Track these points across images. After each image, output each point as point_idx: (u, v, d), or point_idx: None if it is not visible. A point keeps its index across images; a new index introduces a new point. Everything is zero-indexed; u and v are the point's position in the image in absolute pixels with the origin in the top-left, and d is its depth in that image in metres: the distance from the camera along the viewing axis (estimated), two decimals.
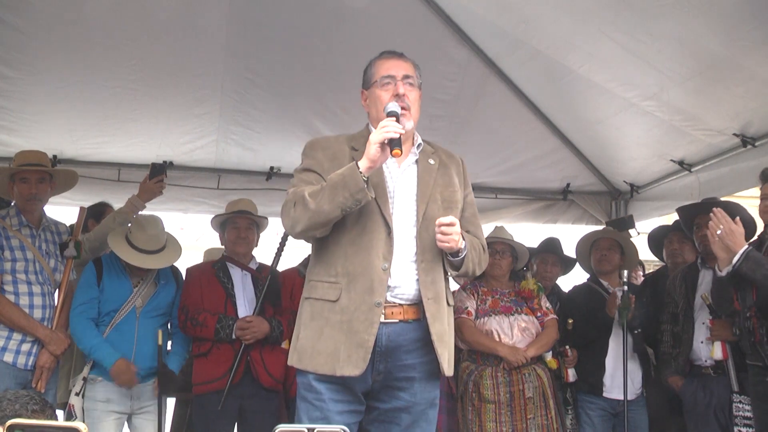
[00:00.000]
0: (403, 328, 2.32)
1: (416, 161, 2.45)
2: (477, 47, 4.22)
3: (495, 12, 3.79)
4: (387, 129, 2.17)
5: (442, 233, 2.23)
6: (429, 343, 2.32)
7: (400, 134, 2.17)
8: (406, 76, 2.40)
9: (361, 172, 2.17)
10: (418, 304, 2.33)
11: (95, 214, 4.24)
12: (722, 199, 4.05)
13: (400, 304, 2.33)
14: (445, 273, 2.44)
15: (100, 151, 4.80)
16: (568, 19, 3.58)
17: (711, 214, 3.10)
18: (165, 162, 4.80)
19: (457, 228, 2.25)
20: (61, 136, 4.58)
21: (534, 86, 4.53)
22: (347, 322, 2.26)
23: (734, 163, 4.17)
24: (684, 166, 4.58)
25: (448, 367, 2.37)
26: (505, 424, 3.65)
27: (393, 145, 2.16)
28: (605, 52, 3.66)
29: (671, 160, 4.63)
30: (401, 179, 2.40)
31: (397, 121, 2.23)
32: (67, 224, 3.77)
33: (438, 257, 2.38)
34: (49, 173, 3.56)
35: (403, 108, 2.33)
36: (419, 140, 2.48)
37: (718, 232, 3.03)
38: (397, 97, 2.35)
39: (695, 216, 3.76)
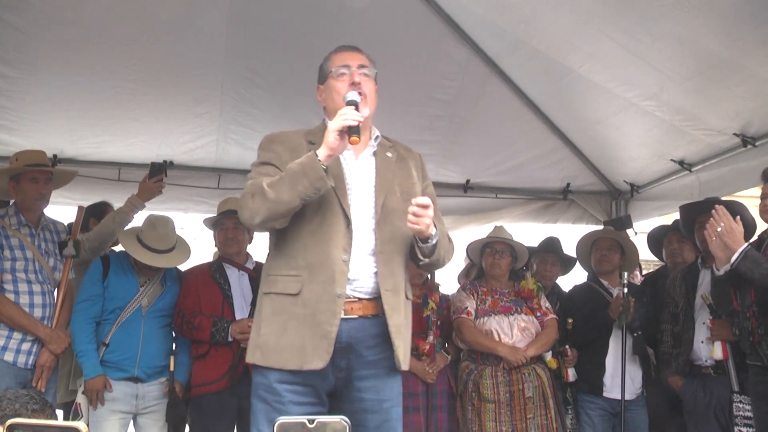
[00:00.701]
0: (362, 324, 2.29)
1: (374, 153, 2.43)
2: (477, 47, 4.22)
3: (495, 12, 3.79)
4: (346, 116, 2.16)
5: (415, 214, 2.20)
6: (389, 338, 2.29)
7: (359, 122, 2.16)
8: (362, 66, 2.39)
9: (320, 161, 2.15)
10: (377, 298, 2.30)
11: (96, 213, 4.24)
12: (723, 198, 4.04)
13: (360, 299, 2.29)
14: (406, 266, 2.41)
15: (100, 150, 4.80)
16: (568, 19, 3.58)
17: (713, 212, 3.10)
18: (165, 161, 4.80)
19: (431, 212, 2.22)
20: (61, 136, 4.58)
21: (534, 86, 4.53)
22: (311, 315, 2.23)
23: (734, 163, 4.17)
24: (684, 165, 4.58)
25: (403, 360, 2.32)
26: (504, 424, 3.65)
27: (352, 132, 2.14)
28: (605, 52, 3.66)
29: (671, 160, 4.62)
30: (359, 171, 2.38)
31: (357, 109, 2.21)
32: (66, 223, 3.77)
33: (397, 249, 2.35)
34: (52, 173, 3.57)
35: (360, 94, 2.31)
36: (377, 133, 2.46)
37: (719, 229, 3.03)
38: (353, 85, 2.33)
39: (697, 215, 3.76)
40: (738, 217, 3.10)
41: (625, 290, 3.90)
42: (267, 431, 2.27)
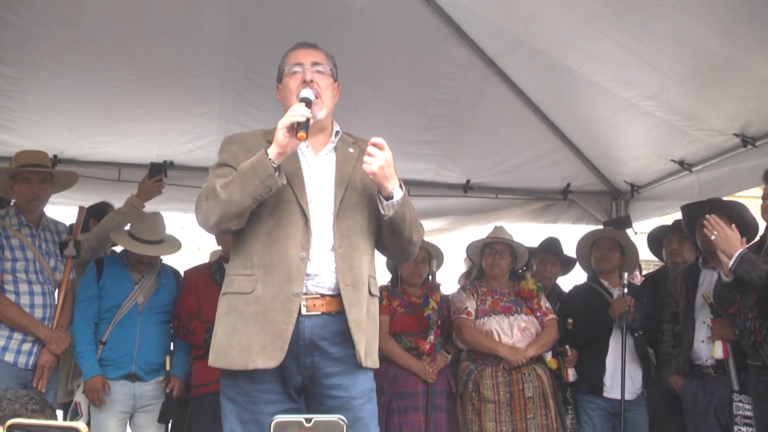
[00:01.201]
0: (326, 321, 2.26)
1: (334, 149, 2.40)
2: (477, 47, 4.22)
3: (495, 12, 3.79)
4: (294, 113, 2.14)
5: (369, 154, 2.16)
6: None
7: (307, 118, 2.13)
8: (315, 63, 2.36)
9: (270, 159, 2.13)
10: (340, 295, 2.26)
11: (97, 213, 4.24)
12: (723, 199, 4.04)
13: (322, 295, 2.26)
14: (371, 262, 2.38)
15: (101, 150, 4.80)
16: (568, 19, 3.58)
17: (704, 222, 3.10)
18: (165, 162, 4.80)
19: (386, 155, 2.16)
20: (61, 136, 4.57)
21: (534, 86, 4.53)
22: (262, 313, 2.20)
23: (734, 163, 4.17)
24: (684, 166, 4.58)
25: (364, 356, 2.27)
26: (504, 424, 3.65)
27: (299, 128, 2.11)
28: (605, 52, 3.66)
29: (671, 160, 4.62)
30: (319, 167, 2.35)
31: (308, 106, 2.18)
32: (67, 224, 3.77)
33: (358, 244, 2.32)
34: (50, 173, 3.57)
35: (315, 96, 2.29)
36: (337, 128, 2.43)
37: (713, 237, 3.04)
38: (305, 83, 2.31)
39: (699, 215, 3.76)
40: (733, 225, 3.12)
41: (625, 290, 3.90)
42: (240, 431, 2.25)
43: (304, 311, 2.23)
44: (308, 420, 1.05)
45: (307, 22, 3.90)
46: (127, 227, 3.74)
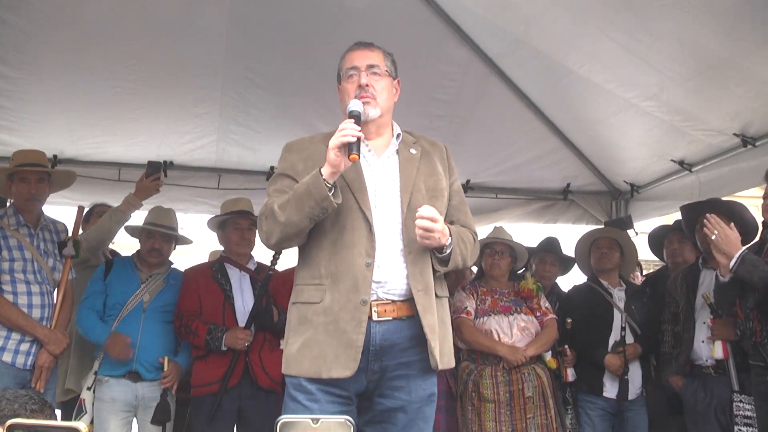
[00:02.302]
0: (397, 326, 2.26)
1: (396, 151, 2.39)
2: (477, 47, 4.22)
3: (495, 12, 3.79)
4: (344, 132, 2.12)
5: (424, 228, 2.16)
6: (425, 339, 2.26)
7: (357, 137, 2.12)
8: (371, 66, 2.34)
9: (324, 180, 2.12)
10: (410, 299, 2.27)
11: (98, 215, 4.24)
12: (723, 199, 4.04)
13: (393, 301, 2.26)
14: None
15: (100, 150, 4.80)
16: (568, 20, 3.57)
17: (704, 221, 3.09)
18: (165, 162, 4.80)
19: (440, 225, 2.19)
20: (61, 136, 4.58)
21: (534, 86, 4.53)
22: (332, 322, 2.20)
23: (734, 163, 4.17)
24: (684, 166, 4.58)
25: (440, 359, 2.27)
26: (504, 424, 3.64)
27: (351, 149, 2.10)
28: (605, 52, 3.66)
29: (671, 160, 4.62)
30: (382, 171, 2.34)
31: (357, 123, 2.17)
32: (66, 224, 3.77)
33: (425, 249, 2.31)
34: (47, 173, 3.57)
35: (366, 98, 2.28)
36: (398, 130, 2.42)
37: (713, 237, 3.03)
38: (360, 88, 2.30)
39: (699, 215, 3.76)
40: (732, 224, 3.11)
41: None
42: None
43: (375, 317, 2.24)
44: (315, 420, 1.04)
45: (307, 22, 3.91)
46: (142, 221, 3.84)
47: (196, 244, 4.40)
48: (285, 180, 2.33)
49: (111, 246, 4.36)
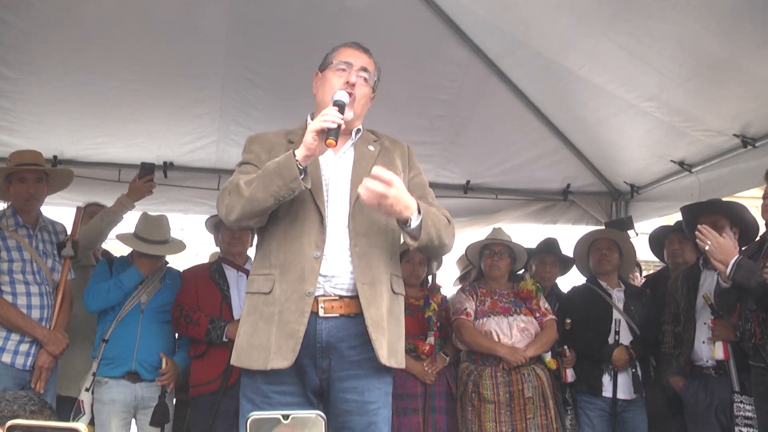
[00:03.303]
0: (344, 323, 2.23)
1: (353, 146, 2.38)
2: (477, 47, 4.21)
3: (495, 12, 3.79)
4: (326, 117, 2.09)
5: (370, 190, 2.05)
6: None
7: (339, 125, 2.09)
8: (364, 69, 2.34)
9: (297, 161, 2.10)
10: (357, 296, 2.23)
11: (90, 214, 4.24)
12: (723, 199, 4.04)
13: (340, 297, 2.23)
14: (391, 259, 2.33)
15: (101, 151, 4.80)
16: (568, 20, 3.57)
17: (696, 233, 3.10)
18: (165, 162, 4.80)
19: (394, 191, 2.05)
20: (61, 137, 4.58)
21: (534, 87, 4.53)
22: (278, 313, 2.19)
23: (734, 164, 4.16)
24: (684, 166, 4.57)
25: (387, 356, 2.22)
26: (504, 424, 3.64)
27: (329, 134, 2.07)
28: (605, 52, 3.66)
29: (671, 161, 4.62)
30: (336, 165, 2.33)
31: (341, 111, 2.15)
32: (67, 225, 3.77)
33: (376, 242, 2.28)
34: (45, 172, 3.57)
35: (350, 95, 2.26)
36: (359, 126, 2.40)
37: (706, 248, 3.04)
38: (347, 84, 2.29)
39: (699, 215, 3.75)
40: (727, 229, 3.12)
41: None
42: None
43: (322, 313, 2.21)
44: (285, 417, 1.04)
45: (307, 22, 3.90)
46: (134, 229, 3.79)
47: (198, 246, 4.40)
48: (249, 167, 2.31)
49: (104, 246, 4.37)
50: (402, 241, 2.33)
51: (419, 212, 2.17)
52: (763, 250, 3.24)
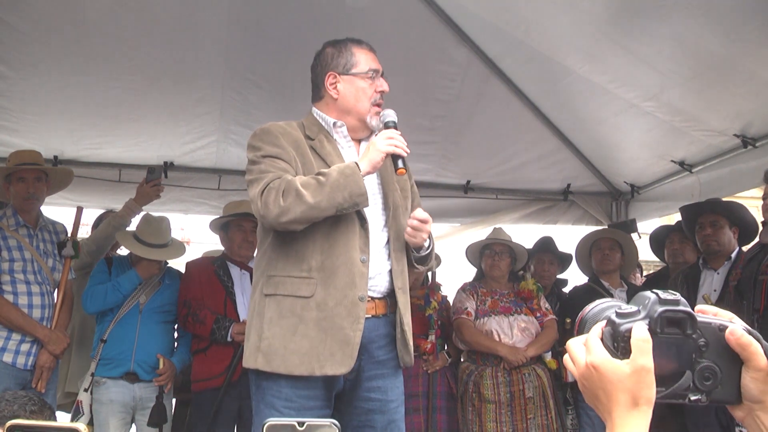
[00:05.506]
0: (375, 324, 2.25)
1: None
2: (477, 47, 4.21)
3: (495, 12, 3.78)
4: (397, 144, 2.13)
5: (415, 228, 2.19)
6: (395, 338, 2.28)
7: (407, 153, 2.16)
8: (383, 74, 2.39)
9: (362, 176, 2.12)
10: (386, 297, 2.27)
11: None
12: (723, 199, 4.04)
13: (373, 298, 2.25)
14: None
15: (101, 151, 4.79)
16: (568, 20, 3.57)
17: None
18: (165, 162, 4.80)
19: (430, 226, 2.24)
20: (62, 137, 4.57)
21: (534, 87, 4.52)
22: (326, 318, 2.15)
23: (735, 164, 4.16)
24: (685, 166, 4.57)
25: (410, 359, 2.34)
26: (505, 424, 3.64)
27: (398, 163, 2.13)
28: (605, 53, 3.66)
29: (672, 161, 4.62)
30: None
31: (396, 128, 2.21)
32: (66, 225, 3.78)
33: (404, 247, 2.33)
34: (44, 172, 3.57)
35: (380, 107, 2.30)
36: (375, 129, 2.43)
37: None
38: (381, 94, 2.32)
39: (698, 216, 3.75)
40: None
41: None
42: None
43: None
44: (301, 424, 1.04)
45: (307, 22, 3.90)
46: (134, 231, 3.77)
47: (196, 245, 4.39)
48: (283, 163, 2.23)
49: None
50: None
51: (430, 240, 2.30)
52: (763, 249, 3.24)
